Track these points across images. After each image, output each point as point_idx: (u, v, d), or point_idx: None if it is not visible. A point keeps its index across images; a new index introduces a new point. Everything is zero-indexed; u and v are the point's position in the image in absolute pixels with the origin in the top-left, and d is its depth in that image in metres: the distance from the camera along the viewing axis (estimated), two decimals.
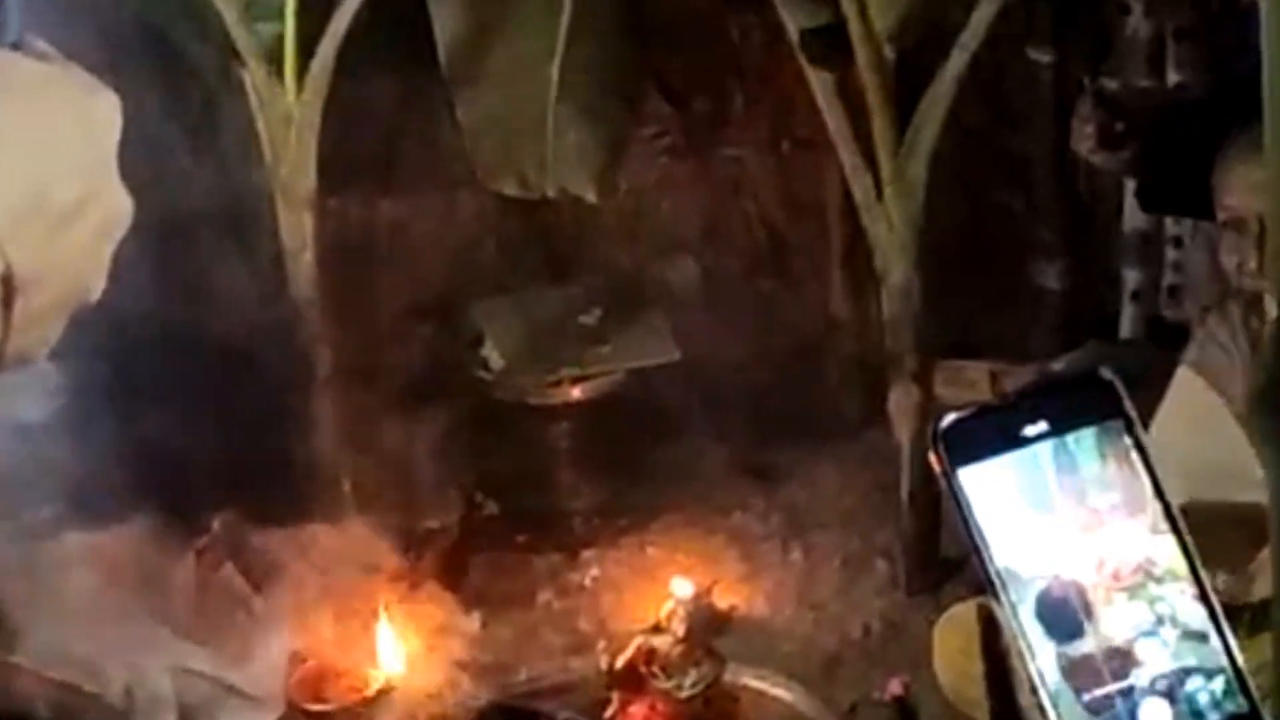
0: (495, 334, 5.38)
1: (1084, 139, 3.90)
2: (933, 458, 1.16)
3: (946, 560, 4.98)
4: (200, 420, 4.77)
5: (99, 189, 0.80)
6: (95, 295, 0.83)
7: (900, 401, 4.92)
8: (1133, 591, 1.13)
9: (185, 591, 4.63)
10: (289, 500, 4.90)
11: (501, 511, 5.36)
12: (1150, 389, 3.68)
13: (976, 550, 1.13)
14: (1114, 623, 1.12)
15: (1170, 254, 5.13)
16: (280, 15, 4.57)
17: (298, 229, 4.74)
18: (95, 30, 4.29)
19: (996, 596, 1.12)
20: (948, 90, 4.65)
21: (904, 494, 4.97)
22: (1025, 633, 1.11)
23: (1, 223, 0.76)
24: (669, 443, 5.48)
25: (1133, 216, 5.21)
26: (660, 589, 4.89)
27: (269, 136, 4.67)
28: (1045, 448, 1.14)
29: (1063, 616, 1.12)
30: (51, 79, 0.78)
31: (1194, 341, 3.80)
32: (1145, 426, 1.17)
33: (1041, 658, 1.11)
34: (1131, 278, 5.27)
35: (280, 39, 4.59)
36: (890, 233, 4.78)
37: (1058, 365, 5.04)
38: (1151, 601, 1.13)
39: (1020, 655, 1.11)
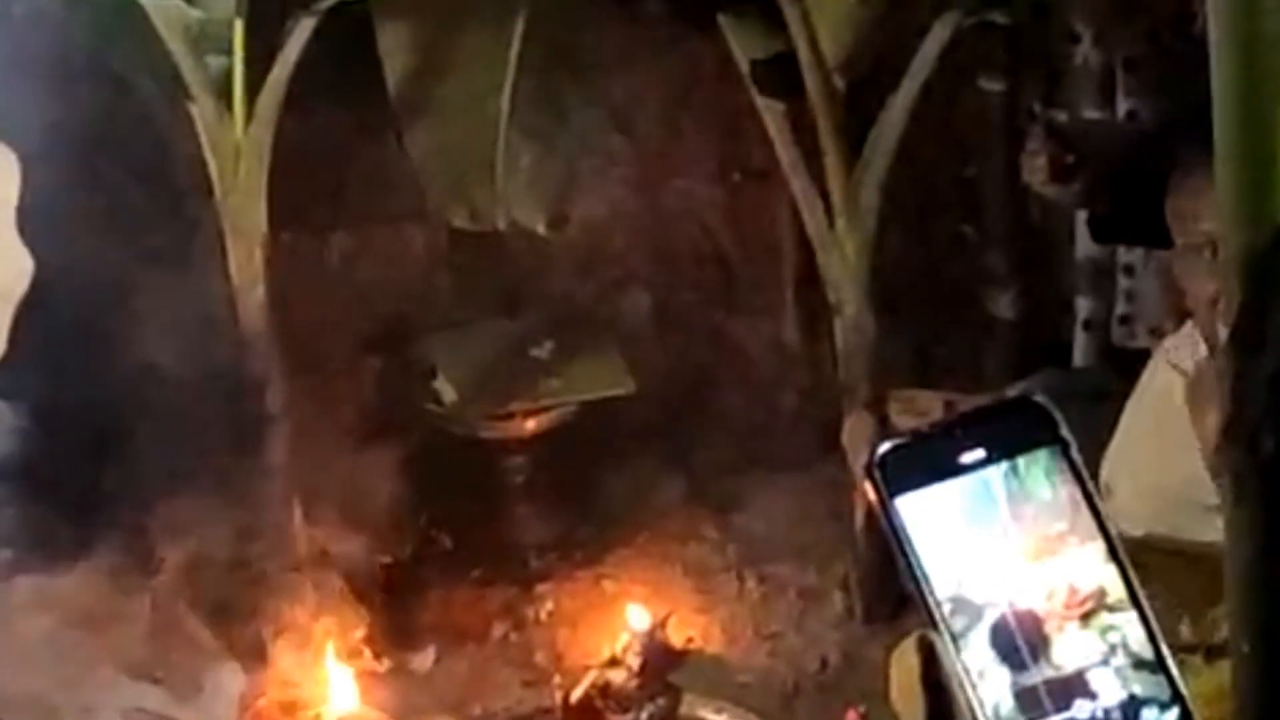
0: (447, 367, 5.36)
1: (1035, 172, 3.89)
2: (867, 486, 1.15)
3: (903, 590, 4.96)
4: (153, 458, 4.75)
5: None
6: None
7: (854, 431, 4.90)
8: (1085, 620, 1.11)
9: (139, 630, 4.60)
10: (242, 537, 4.87)
11: (455, 545, 5.34)
12: (1105, 415, 3.69)
13: (914, 579, 1.12)
14: (1066, 651, 1.11)
15: (1123, 282, 5.14)
16: (228, 49, 4.54)
17: (248, 264, 4.71)
18: (42, 64, 4.28)
19: (936, 626, 1.11)
20: (899, 120, 4.66)
21: (859, 524, 4.96)
22: (974, 662, 1.10)
23: None
24: (623, 475, 5.47)
25: (1085, 245, 5.22)
26: (616, 622, 4.89)
27: (218, 171, 4.64)
28: (994, 474, 1.13)
29: (1016, 645, 1.10)
30: None
31: (1151, 365, 3.80)
32: (1100, 453, 1.16)
33: (993, 687, 1.09)
34: (1084, 306, 5.28)
35: (228, 73, 4.57)
36: (843, 263, 4.78)
37: (1011, 392, 5.02)
38: (1104, 630, 1.12)
39: (963, 686, 1.10)
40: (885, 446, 1.14)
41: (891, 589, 4.97)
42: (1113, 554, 1.12)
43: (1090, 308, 5.26)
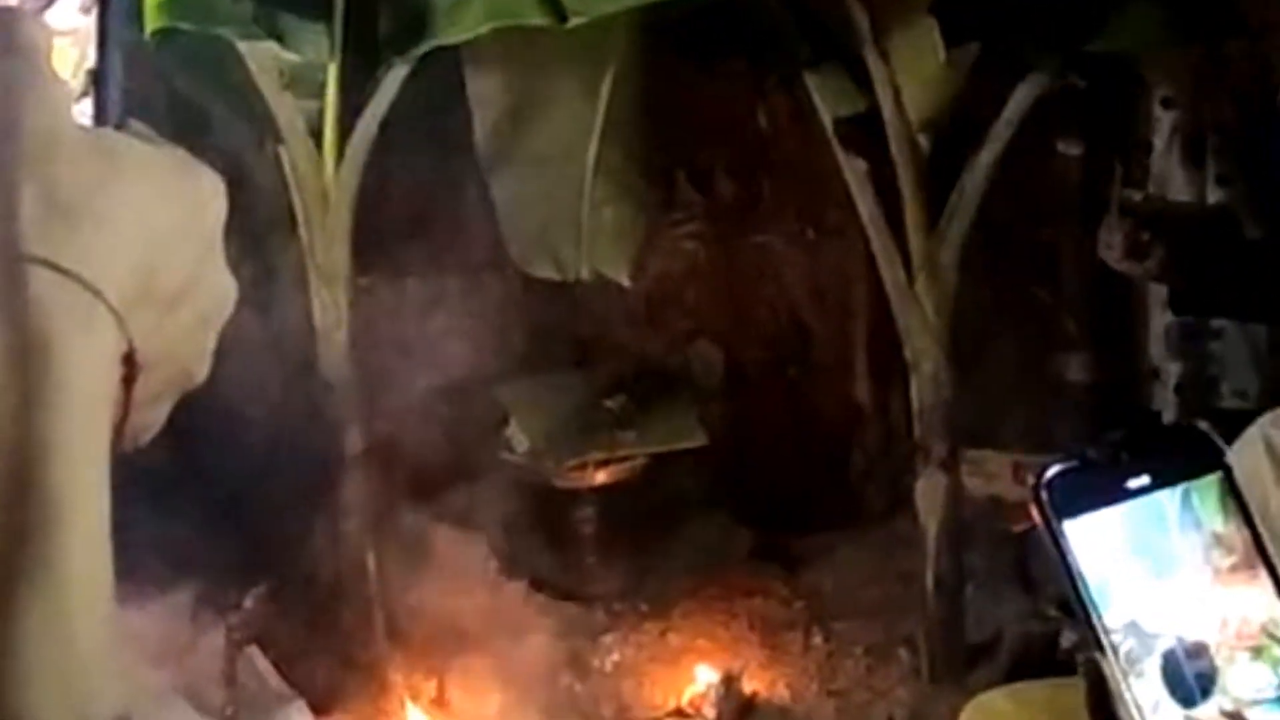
0: (521, 416, 5.38)
1: (1110, 249, 3.93)
2: (1033, 510, 1.14)
3: (971, 648, 4.97)
4: (234, 498, 4.77)
5: (204, 273, 0.81)
6: (199, 380, 0.85)
7: (927, 489, 4.92)
8: (1256, 652, 1.11)
9: (212, 667, 4.62)
10: (317, 578, 4.89)
11: (523, 594, 5.34)
12: None
13: (1082, 605, 1.11)
14: (1238, 684, 1.09)
15: (1212, 346, 5.14)
16: (321, 92, 4.58)
17: (331, 307, 4.74)
18: (131, 101, 4.31)
19: (1104, 652, 1.10)
20: (981, 180, 4.68)
21: (929, 581, 4.96)
22: (1145, 694, 1.09)
23: (120, 301, 0.77)
24: (691, 528, 5.48)
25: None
26: (680, 674, 4.90)
27: (304, 214, 4.68)
28: (1162, 500, 1.13)
29: (1187, 677, 1.10)
30: (157, 161, 0.79)
31: (1241, 441, 3.78)
32: None
33: (1164, 719, 1.09)
34: (1173, 371, 5.27)
35: (320, 116, 4.60)
36: (922, 320, 4.79)
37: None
38: (1276, 664, 1.11)
39: (1130, 714, 1.09)
40: (1052, 470, 1.13)
41: (959, 646, 4.97)
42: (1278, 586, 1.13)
43: (1180, 371, 5.24)
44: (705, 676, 4.92)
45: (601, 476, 5.36)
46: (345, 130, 4.63)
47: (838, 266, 5.70)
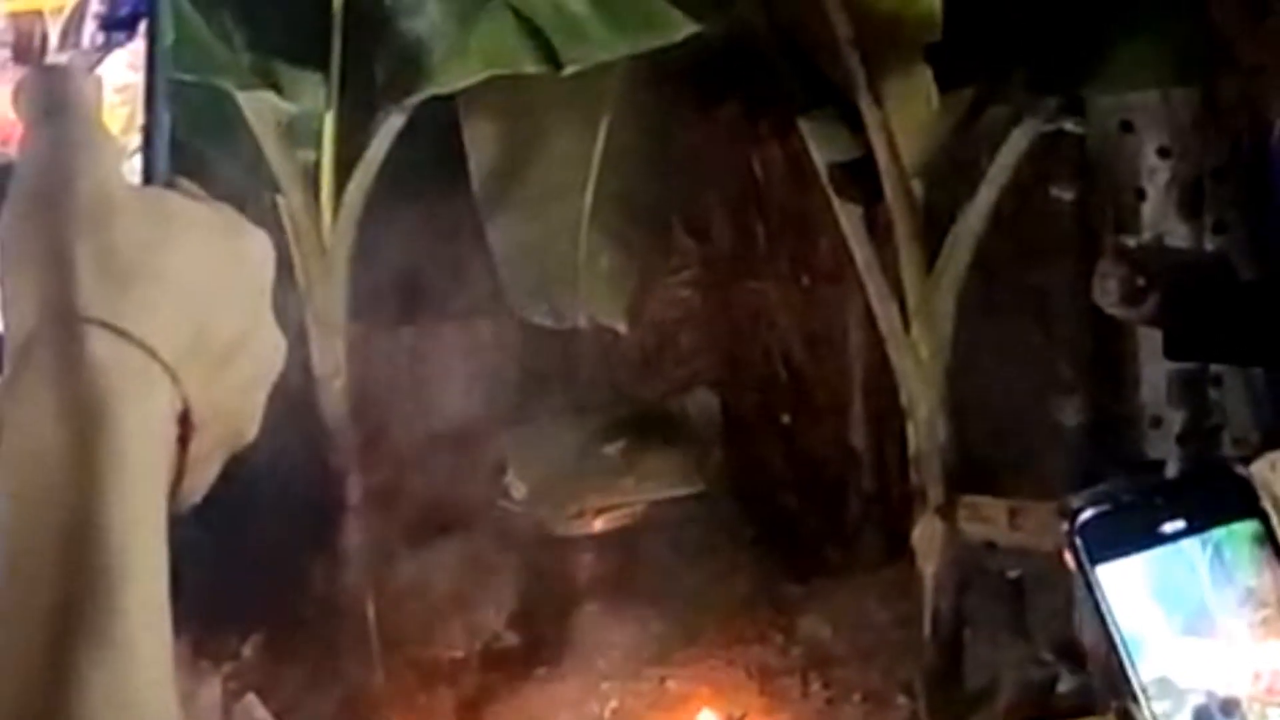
0: (519, 463, 5.39)
1: (1106, 294, 3.95)
2: (1068, 555, 1.12)
3: (969, 693, 4.96)
4: (232, 546, 4.76)
5: (255, 331, 0.81)
6: (250, 438, 0.85)
7: (925, 535, 4.92)
8: None
9: (210, 717, 4.61)
10: (316, 627, 4.88)
11: (522, 641, 5.34)
12: None
13: (1115, 651, 1.10)
14: None
15: (1212, 394, 5.14)
16: (318, 141, 4.60)
17: (330, 355, 4.75)
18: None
19: (1136, 700, 1.09)
20: (976, 225, 4.70)
21: (926, 627, 4.96)
22: None
23: (174, 359, 0.77)
24: (690, 575, 5.47)
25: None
26: None
27: (302, 263, 4.68)
28: (1198, 551, 1.11)
29: (1230, 711, 1.09)
30: (209, 219, 0.80)
31: None
32: None
33: None
34: (1175, 419, 5.25)
35: (317, 165, 4.62)
36: (917, 366, 4.80)
37: (1076, 500, 5.02)
38: None
39: None
40: (1086, 514, 1.12)
41: (958, 692, 4.97)
42: None
43: (1182, 420, 5.23)
44: None
45: (600, 523, 5.36)
46: (342, 179, 4.64)
47: (833, 313, 5.71)
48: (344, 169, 4.64)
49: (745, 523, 5.55)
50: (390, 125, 4.57)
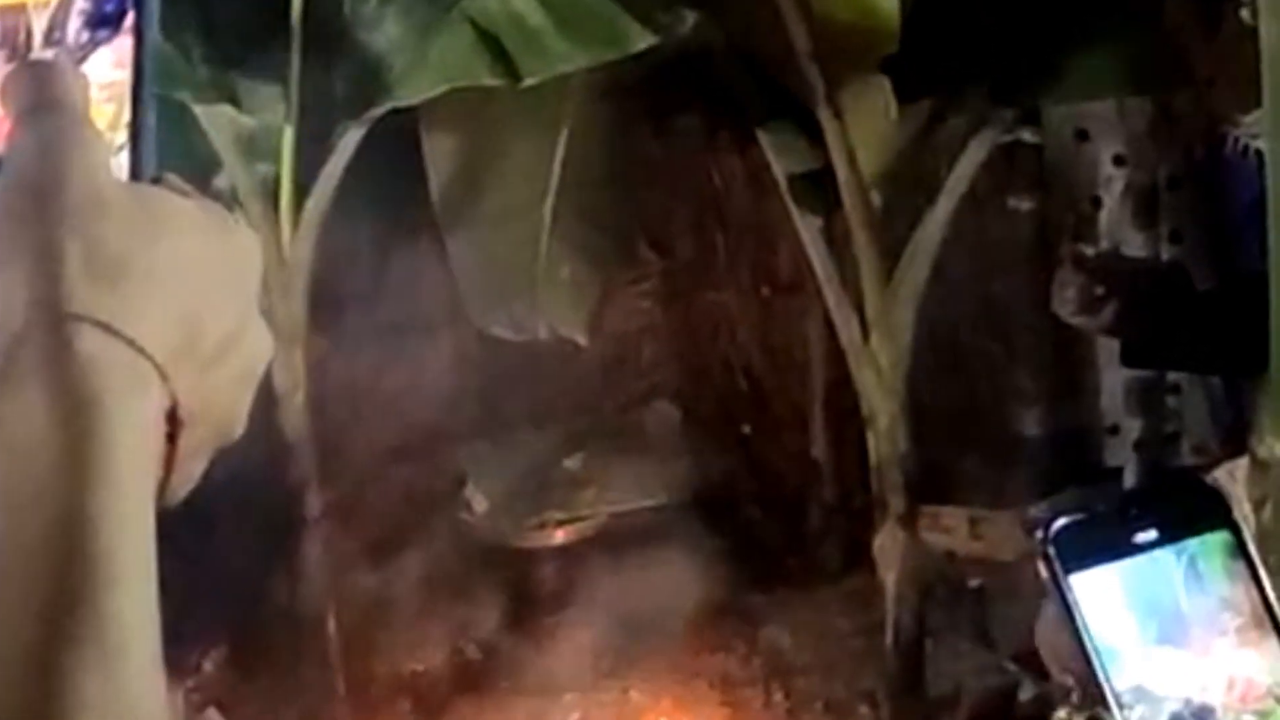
0: (479, 477, 5.39)
1: (1064, 303, 3.97)
2: (1041, 563, 1.12)
3: (931, 702, 4.98)
4: (193, 560, 4.75)
5: (244, 327, 0.81)
6: (237, 435, 0.85)
7: (886, 544, 4.93)
8: (1262, 716, 1.10)
9: None
10: (277, 640, 4.87)
11: (483, 654, 5.33)
12: None
13: (1088, 660, 1.10)
14: None
15: (1170, 401, 5.16)
16: (277, 155, 4.59)
17: (289, 369, 4.74)
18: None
19: (1109, 708, 1.09)
20: (935, 235, 4.71)
21: (888, 636, 4.97)
22: None
23: (164, 357, 0.77)
24: (651, 586, 5.47)
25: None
26: None
27: (263, 277, 4.65)
28: (1172, 561, 1.11)
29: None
30: (198, 216, 0.80)
31: None
32: None
33: None
34: (1133, 427, 5.28)
35: (277, 179, 4.61)
36: (877, 376, 4.81)
37: (1036, 511, 5.06)
38: None
39: None
40: (1060, 523, 1.12)
41: (920, 700, 4.98)
42: None
43: (1140, 428, 5.26)
44: None
45: (561, 535, 5.37)
46: (301, 193, 4.63)
47: (793, 323, 5.72)
48: (303, 183, 4.63)
49: (706, 534, 5.54)
50: (350, 139, 4.56)
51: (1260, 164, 4.42)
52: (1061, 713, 4.22)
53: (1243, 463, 3.63)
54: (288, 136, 4.57)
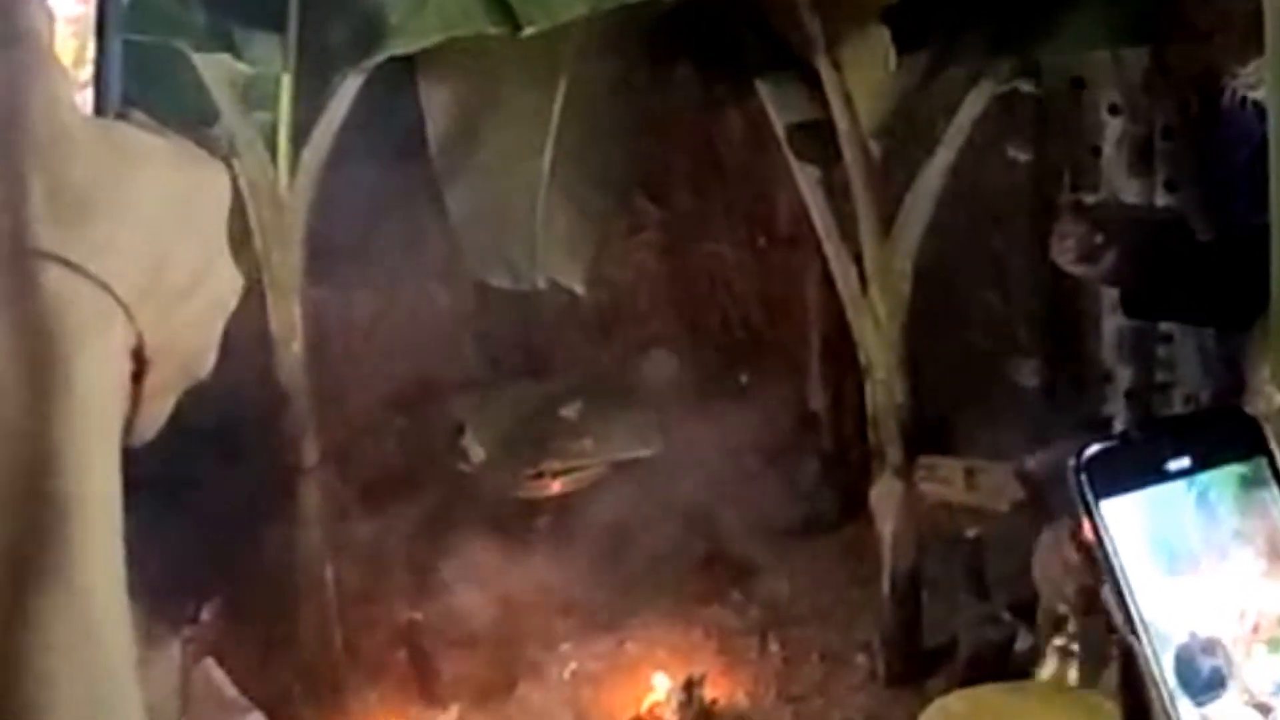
0: (476, 426, 5.39)
1: (1064, 252, 3.95)
2: (1073, 489, 1.12)
3: (927, 652, 4.99)
4: (189, 510, 4.75)
5: (212, 263, 0.80)
6: (205, 372, 0.84)
7: (883, 495, 4.94)
8: (1273, 645, 1.11)
9: (166, 680, 4.60)
10: (274, 590, 4.88)
11: (481, 604, 5.33)
12: None
13: (1117, 587, 1.10)
14: (1255, 677, 1.08)
15: (1160, 351, 5.17)
16: (275, 104, 4.57)
17: (286, 318, 4.73)
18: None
19: (1137, 634, 1.09)
20: (934, 186, 4.71)
21: (885, 587, 4.98)
22: (1164, 681, 1.08)
23: (129, 295, 0.76)
24: (648, 536, 5.48)
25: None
26: (639, 682, 4.91)
27: (260, 224, 4.66)
28: (1186, 492, 1.11)
29: (1202, 672, 1.09)
30: (164, 151, 0.78)
31: None
32: None
33: (1184, 708, 1.08)
34: (1125, 376, 5.29)
35: (274, 127, 4.59)
36: (875, 327, 4.81)
37: (1031, 462, 5.07)
38: None
39: (1160, 695, 1.09)
40: (1092, 449, 1.12)
41: (916, 650, 5.00)
42: None
43: (1131, 377, 5.27)
44: (663, 684, 4.93)
45: (558, 486, 5.37)
46: (299, 142, 4.61)
47: (791, 274, 5.73)
48: (301, 131, 4.61)
49: (703, 484, 5.55)
50: (348, 87, 4.54)
51: (1259, 114, 4.43)
52: (1059, 640, 4.24)
53: None
54: (285, 85, 4.55)
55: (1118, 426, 5.33)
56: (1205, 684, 1.08)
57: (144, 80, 4.57)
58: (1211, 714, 1.07)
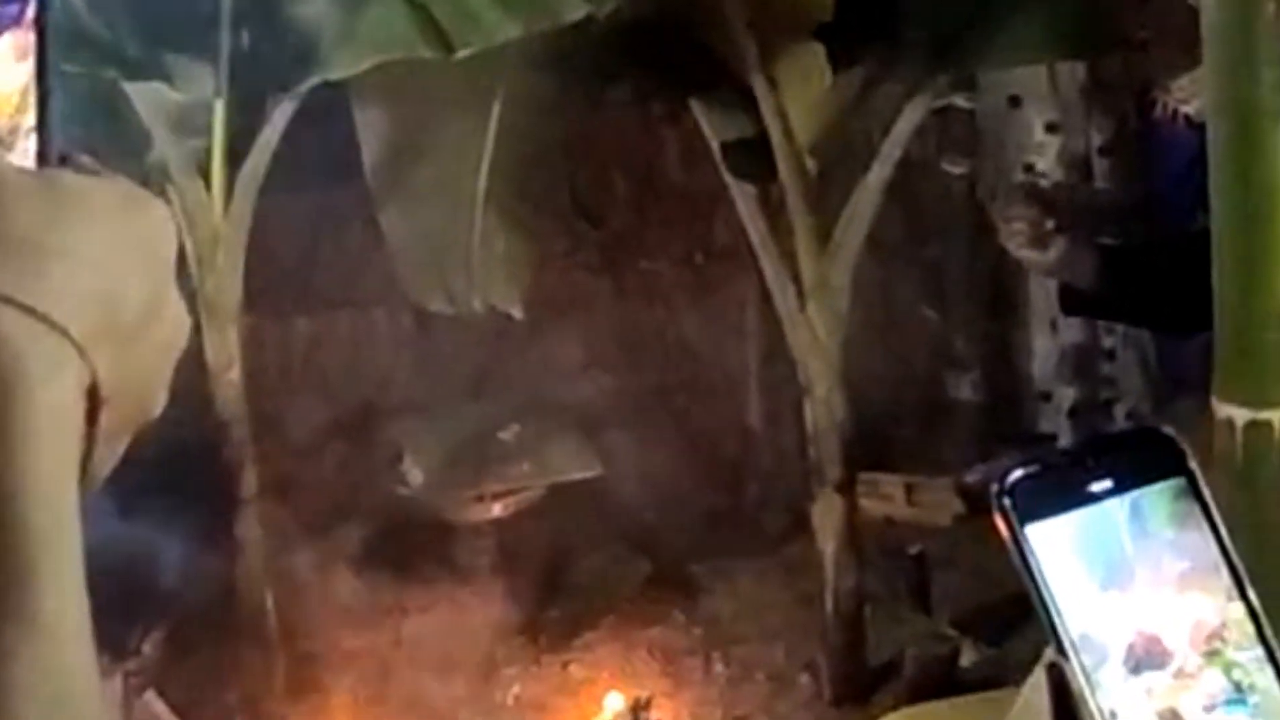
0: (414, 450, 5.36)
1: (1013, 236, 3.90)
2: (997, 516, 1.12)
3: (872, 670, 4.99)
4: (129, 541, 4.72)
5: (161, 303, 0.80)
6: (157, 412, 0.84)
7: (824, 512, 4.93)
8: (1210, 658, 1.11)
9: (109, 714, 4.56)
10: (215, 621, 4.85)
11: (421, 629, 5.31)
12: None
13: (1046, 611, 1.11)
14: (1193, 691, 1.08)
15: (1104, 367, 5.18)
16: (209, 130, 4.54)
17: (223, 347, 4.70)
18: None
19: (1066, 656, 1.10)
20: (870, 201, 4.70)
21: (828, 604, 4.97)
22: (1104, 701, 1.09)
23: (83, 336, 0.77)
24: (589, 558, 5.47)
25: (1070, 333, 5.25)
26: (583, 705, 4.88)
27: (195, 252, 4.63)
28: (1118, 508, 1.12)
29: (1143, 684, 1.10)
30: (107, 193, 0.78)
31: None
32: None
33: (1134, 708, 1.09)
34: (1067, 394, 5.29)
35: (208, 154, 4.57)
36: (814, 343, 4.80)
37: (971, 476, 5.07)
38: (1228, 668, 1.11)
39: (1094, 717, 1.09)
40: (1016, 474, 1.12)
41: (861, 668, 4.98)
42: (1240, 591, 1.13)
43: (1074, 396, 5.27)
44: (611, 705, 4.91)
45: (498, 509, 5.35)
46: (234, 167, 4.59)
47: (729, 291, 5.72)
48: (235, 157, 4.59)
49: (644, 504, 5.54)
50: (281, 113, 4.53)
51: (1190, 128, 4.45)
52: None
53: None
54: (219, 111, 4.53)
55: (1062, 443, 5.35)
56: (1147, 694, 1.09)
57: (76, 110, 4.55)
58: (1153, 684, 1.08)
